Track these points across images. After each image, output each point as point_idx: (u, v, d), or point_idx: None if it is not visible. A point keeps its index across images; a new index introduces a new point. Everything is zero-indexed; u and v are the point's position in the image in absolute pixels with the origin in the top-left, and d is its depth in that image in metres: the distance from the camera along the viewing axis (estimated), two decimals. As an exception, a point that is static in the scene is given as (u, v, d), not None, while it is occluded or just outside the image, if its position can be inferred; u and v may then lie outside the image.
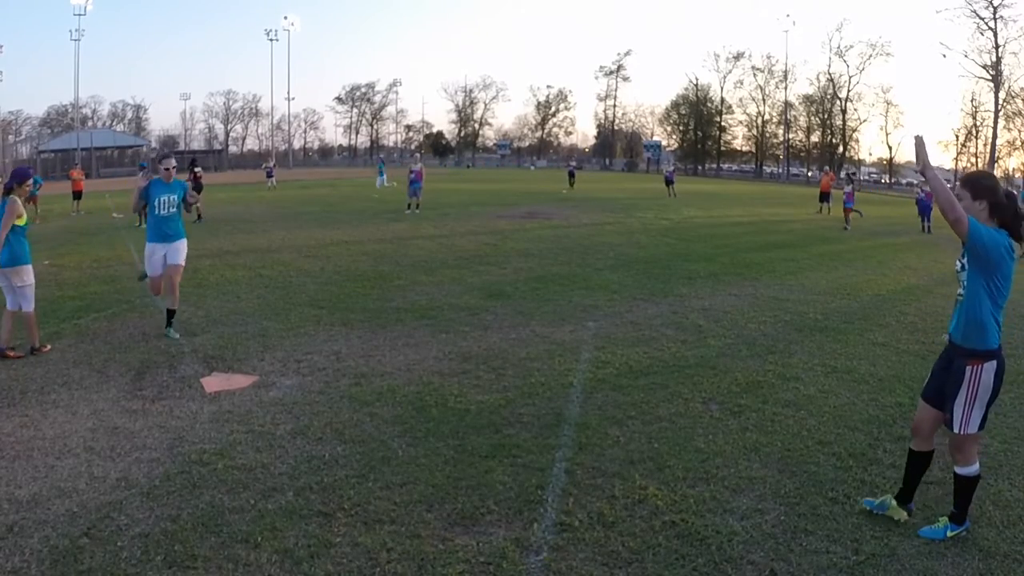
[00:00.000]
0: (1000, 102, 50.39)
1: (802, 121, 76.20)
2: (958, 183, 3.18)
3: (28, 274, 6.02)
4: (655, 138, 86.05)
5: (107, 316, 7.44)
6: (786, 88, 75.87)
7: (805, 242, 15.76)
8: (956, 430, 3.14)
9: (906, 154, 67.12)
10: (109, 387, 5.19)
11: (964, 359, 3.10)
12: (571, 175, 38.63)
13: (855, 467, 3.90)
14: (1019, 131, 53.67)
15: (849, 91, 70.28)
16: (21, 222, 5.94)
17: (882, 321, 7.72)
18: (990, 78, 49.65)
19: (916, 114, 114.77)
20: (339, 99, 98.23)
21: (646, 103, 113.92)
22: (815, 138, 75.06)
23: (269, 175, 36.15)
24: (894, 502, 3.37)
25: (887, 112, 68.43)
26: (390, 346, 6.31)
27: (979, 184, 3.07)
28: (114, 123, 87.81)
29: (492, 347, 6.29)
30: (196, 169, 19.99)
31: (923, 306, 8.59)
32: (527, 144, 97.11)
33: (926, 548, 3.13)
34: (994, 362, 3.06)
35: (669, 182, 32.93)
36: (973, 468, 3.22)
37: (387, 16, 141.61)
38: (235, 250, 12.80)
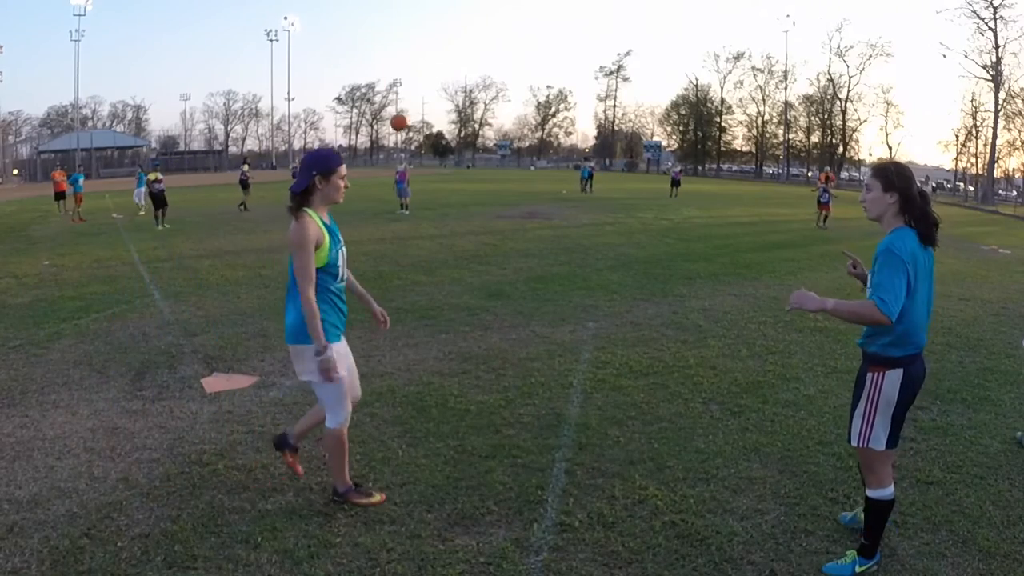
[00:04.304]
0: (1000, 102, 50.32)
1: (802, 121, 76.22)
2: (869, 172, 2.90)
3: (311, 360, 3.13)
4: (655, 138, 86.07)
5: (107, 316, 7.44)
6: (786, 88, 75.96)
7: (805, 242, 15.76)
8: (853, 443, 2.88)
9: (906, 154, 67.26)
10: (109, 387, 5.19)
11: (866, 365, 2.88)
12: (588, 177, 35.86)
13: (855, 467, 3.89)
14: (1019, 131, 53.64)
15: (849, 91, 70.36)
16: (323, 259, 3.14)
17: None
18: (990, 78, 49.59)
19: (916, 114, 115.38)
20: (339, 99, 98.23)
21: (646, 103, 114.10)
22: (815, 138, 75.07)
23: (295, 175, 35.38)
24: (860, 515, 3.23)
25: (887, 112, 68.56)
26: (390, 346, 6.31)
27: (888, 176, 2.78)
28: (114, 123, 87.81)
29: (492, 347, 6.29)
30: (245, 167, 21.51)
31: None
32: (527, 144, 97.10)
33: (926, 548, 3.13)
34: (899, 371, 2.77)
35: (676, 183, 32.98)
36: (886, 491, 2.87)
37: (387, 16, 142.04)
38: (235, 250, 12.80)
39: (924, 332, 2.86)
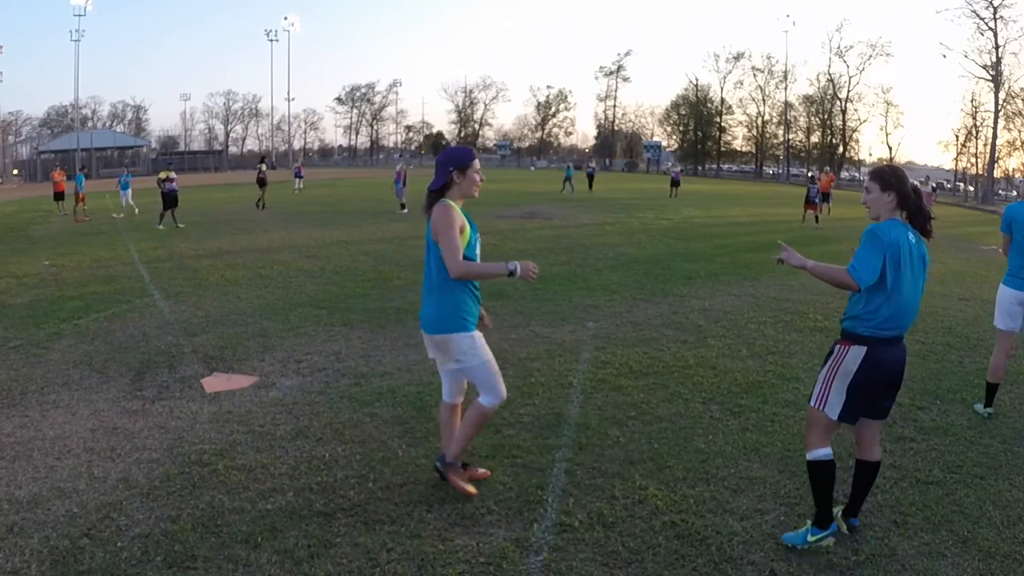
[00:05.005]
0: (1000, 102, 50.24)
1: (802, 121, 76.26)
2: (867, 176, 3.17)
3: (456, 349, 3.47)
4: (655, 138, 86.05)
5: (107, 316, 7.44)
6: (786, 88, 75.98)
7: (805, 242, 15.76)
8: (811, 402, 3.16)
9: (906, 154, 67.28)
10: (109, 387, 5.19)
11: (840, 338, 3.13)
12: (590, 177, 36.64)
13: (853, 466, 3.89)
14: (1019, 131, 53.57)
15: (849, 91, 70.41)
16: (463, 246, 3.30)
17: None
18: (990, 78, 49.53)
19: (916, 114, 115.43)
20: (339, 99, 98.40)
21: (646, 103, 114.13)
22: (815, 138, 75.08)
23: (297, 175, 33.76)
24: (839, 514, 3.28)
25: (887, 112, 68.61)
26: (390, 346, 6.31)
27: (886, 178, 3.08)
28: (114, 123, 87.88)
29: (492, 347, 6.22)
30: (261, 165, 22.77)
31: (922, 306, 8.57)
32: (527, 144, 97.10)
33: (926, 548, 3.13)
34: (863, 348, 2.99)
35: (675, 183, 33.20)
36: (817, 453, 3.11)
37: (387, 16, 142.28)
38: (235, 250, 12.80)
39: (901, 320, 3.02)
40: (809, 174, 30.55)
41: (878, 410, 3.15)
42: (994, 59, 48.86)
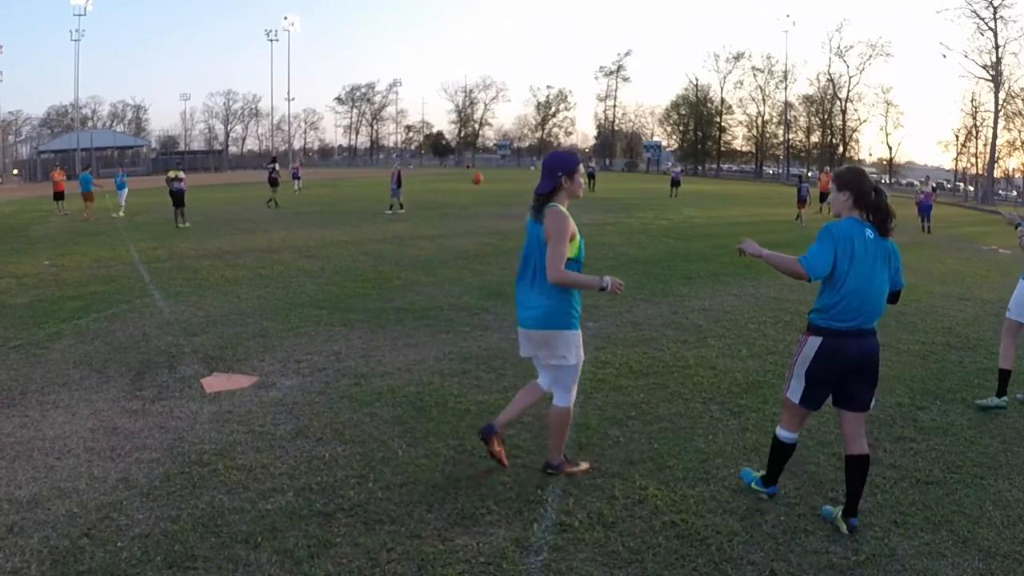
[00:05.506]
0: (1000, 102, 50.26)
1: (802, 121, 76.30)
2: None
3: (563, 345, 3.54)
4: (655, 138, 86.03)
5: (107, 316, 7.44)
6: (786, 88, 75.99)
7: (805, 242, 15.67)
8: (783, 386, 3.41)
9: (906, 154, 67.26)
10: (109, 387, 5.19)
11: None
12: (591, 176, 36.53)
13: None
14: (1019, 131, 53.63)
15: (849, 91, 70.45)
16: (575, 250, 3.49)
17: (881, 321, 7.66)
18: (990, 78, 49.54)
19: (916, 114, 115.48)
20: (339, 99, 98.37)
21: (646, 103, 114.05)
22: (815, 138, 75.13)
23: (296, 176, 31.98)
24: (839, 514, 3.29)
25: (887, 112, 68.67)
26: (390, 346, 6.31)
27: (843, 178, 3.30)
28: (114, 123, 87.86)
29: (492, 347, 6.29)
30: (273, 165, 24.10)
31: (922, 306, 8.59)
32: (527, 144, 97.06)
33: (926, 548, 3.13)
34: (819, 339, 3.18)
35: (676, 183, 33.24)
36: (786, 434, 3.40)
37: (387, 16, 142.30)
38: (235, 250, 12.80)
39: (857, 313, 3.14)
40: (808, 173, 30.54)
41: (851, 401, 3.25)
42: (994, 59, 48.88)
